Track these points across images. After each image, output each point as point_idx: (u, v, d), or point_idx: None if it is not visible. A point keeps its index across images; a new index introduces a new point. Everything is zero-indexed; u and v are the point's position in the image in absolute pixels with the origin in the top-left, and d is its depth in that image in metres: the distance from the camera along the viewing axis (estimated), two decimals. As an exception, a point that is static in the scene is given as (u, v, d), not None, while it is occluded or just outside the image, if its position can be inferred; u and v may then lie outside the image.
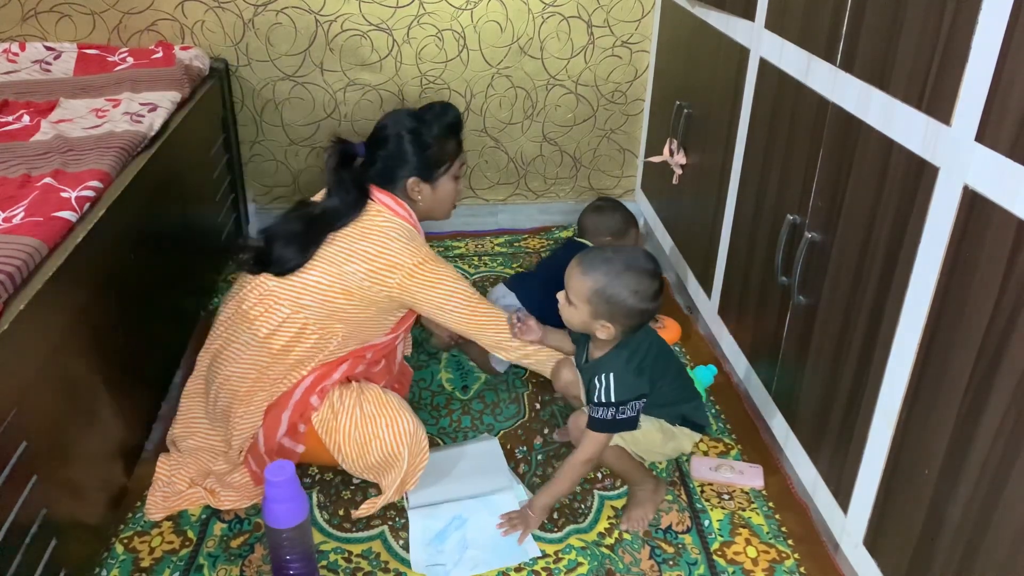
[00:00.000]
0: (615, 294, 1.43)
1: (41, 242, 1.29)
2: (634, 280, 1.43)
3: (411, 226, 1.60)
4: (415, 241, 1.57)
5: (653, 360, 1.51)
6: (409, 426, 1.54)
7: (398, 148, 1.59)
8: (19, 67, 2.16)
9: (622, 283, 1.43)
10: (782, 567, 1.47)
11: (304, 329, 1.53)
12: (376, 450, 1.54)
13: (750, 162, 1.78)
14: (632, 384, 1.46)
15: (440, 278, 1.57)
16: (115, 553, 1.47)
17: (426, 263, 1.56)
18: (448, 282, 1.58)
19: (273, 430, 1.56)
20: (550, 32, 2.49)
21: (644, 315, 1.47)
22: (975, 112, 1.02)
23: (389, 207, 1.59)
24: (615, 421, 1.46)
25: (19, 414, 1.16)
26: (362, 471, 1.58)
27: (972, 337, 1.04)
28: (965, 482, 1.08)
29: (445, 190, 1.66)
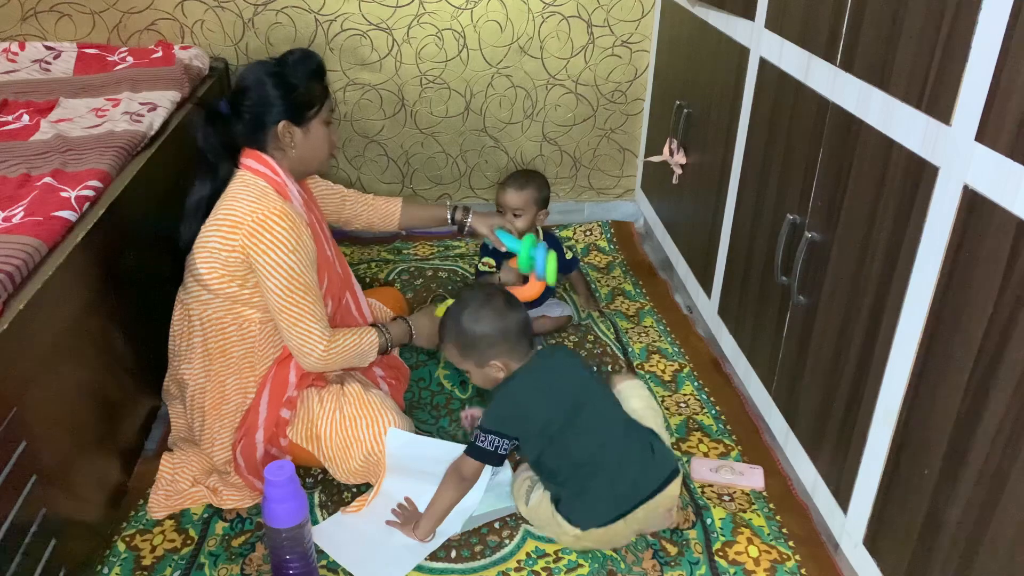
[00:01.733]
0: (462, 333, 1.45)
1: (41, 242, 1.29)
2: (465, 314, 1.45)
3: (269, 183, 1.47)
4: (265, 198, 1.44)
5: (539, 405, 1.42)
6: (391, 426, 1.53)
7: (262, 94, 1.47)
8: (19, 67, 2.16)
9: (461, 323, 1.45)
10: (783, 568, 1.47)
11: (220, 322, 1.51)
12: (358, 453, 1.52)
13: (750, 162, 1.78)
14: (495, 416, 1.43)
15: (276, 241, 1.42)
16: (116, 551, 1.47)
17: (268, 220, 1.41)
18: (282, 250, 1.42)
19: (252, 454, 1.55)
20: (550, 32, 2.49)
21: (485, 339, 1.44)
22: (975, 112, 1.02)
23: (251, 168, 1.49)
24: (472, 443, 1.43)
25: (19, 413, 1.16)
26: (347, 476, 1.57)
27: (972, 337, 1.05)
28: (965, 482, 1.08)
29: (317, 134, 1.53)
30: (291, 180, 1.52)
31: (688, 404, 1.90)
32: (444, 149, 2.64)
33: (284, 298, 1.45)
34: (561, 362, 1.50)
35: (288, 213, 1.43)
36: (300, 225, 1.45)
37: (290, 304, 1.45)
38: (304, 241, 1.45)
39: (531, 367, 1.46)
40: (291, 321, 1.47)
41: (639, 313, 2.27)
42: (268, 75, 1.48)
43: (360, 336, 1.56)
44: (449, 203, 1.92)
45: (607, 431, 1.43)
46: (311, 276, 1.47)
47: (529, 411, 1.41)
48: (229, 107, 1.50)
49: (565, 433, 1.40)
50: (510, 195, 2.06)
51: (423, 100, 2.55)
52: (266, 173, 1.48)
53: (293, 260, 1.43)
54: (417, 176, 2.68)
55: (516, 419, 1.41)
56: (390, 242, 2.64)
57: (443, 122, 2.59)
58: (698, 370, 2.02)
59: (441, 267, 2.50)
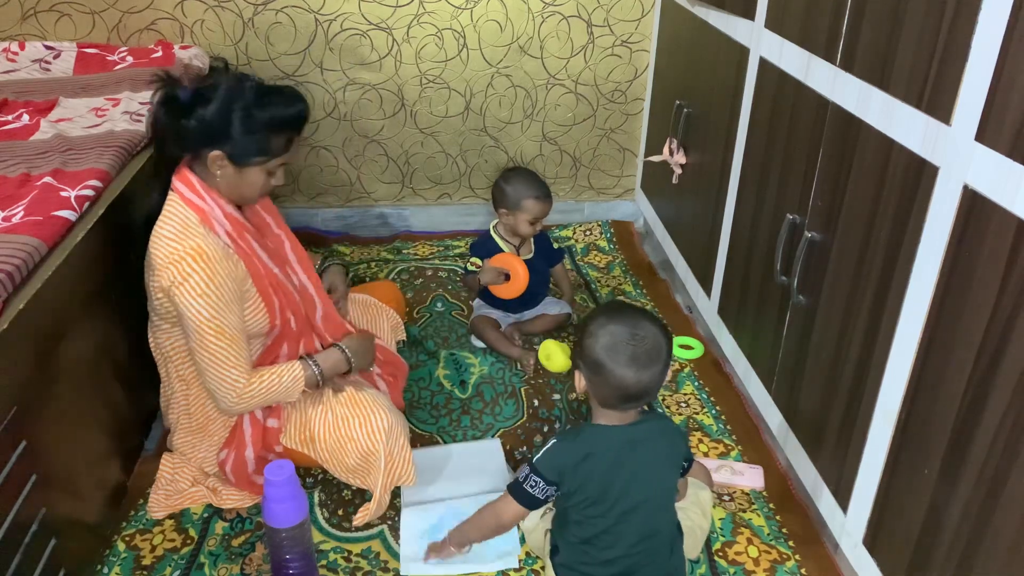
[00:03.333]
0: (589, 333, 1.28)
1: (41, 241, 1.29)
2: (608, 326, 1.26)
3: (194, 211, 1.40)
4: (183, 234, 1.38)
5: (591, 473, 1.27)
6: (383, 422, 1.49)
7: (222, 117, 1.37)
8: (19, 66, 2.15)
9: (598, 324, 1.28)
10: (783, 568, 1.47)
11: (184, 350, 1.50)
12: (352, 452, 1.50)
13: (750, 161, 1.78)
14: (551, 464, 1.28)
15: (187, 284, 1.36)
16: (116, 551, 1.47)
17: (182, 262, 1.36)
18: (191, 293, 1.36)
19: (243, 469, 1.55)
20: (550, 31, 2.49)
21: (604, 374, 1.24)
22: (975, 112, 1.02)
23: (180, 192, 1.41)
24: (515, 482, 1.31)
25: (19, 413, 1.16)
26: (345, 475, 1.55)
27: (972, 337, 1.04)
28: (965, 482, 1.08)
29: (252, 180, 1.44)
30: (223, 201, 1.44)
31: (688, 404, 1.90)
32: (444, 149, 2.64)
33: (196, 340, 1.40)
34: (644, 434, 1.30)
35: (203, 251, 1.36)
36: (216, 262, 1.37)
37: (200, 348, 1.40)
38: (218, 283, 1.37)
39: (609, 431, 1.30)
40: (204, 364, 1.42)
41: (639, 313, 2.27)
42: (238, 102, 1.38)
43: (280, 374, 1.48)
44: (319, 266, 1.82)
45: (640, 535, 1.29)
46: (226, 319, 1.39)
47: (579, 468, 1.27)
48: (190, 99, 1.39)
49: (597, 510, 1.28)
50: (543, 206, 2.07)
51: (423, 100, 2.54)
52: (191, 200, 1.41)
53: (202, 304, 1.37)
54: (417, 176, 2.68)
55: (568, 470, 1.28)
56: (390, 242, 2.64)
57: (443, 122, 2.59)
58: (698, 370, 2.02)
59: (441, 267, 2.50)
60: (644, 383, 1.24)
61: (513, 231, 2.12)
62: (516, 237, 2.14)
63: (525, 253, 2.15)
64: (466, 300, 2.30)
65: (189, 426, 1.58)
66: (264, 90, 1.42)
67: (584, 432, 1.30)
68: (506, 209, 2.09)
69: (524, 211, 2.06)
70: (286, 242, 1.61)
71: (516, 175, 2.11)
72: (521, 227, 2.08)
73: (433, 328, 2.17)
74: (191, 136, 1.40)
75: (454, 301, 2.30)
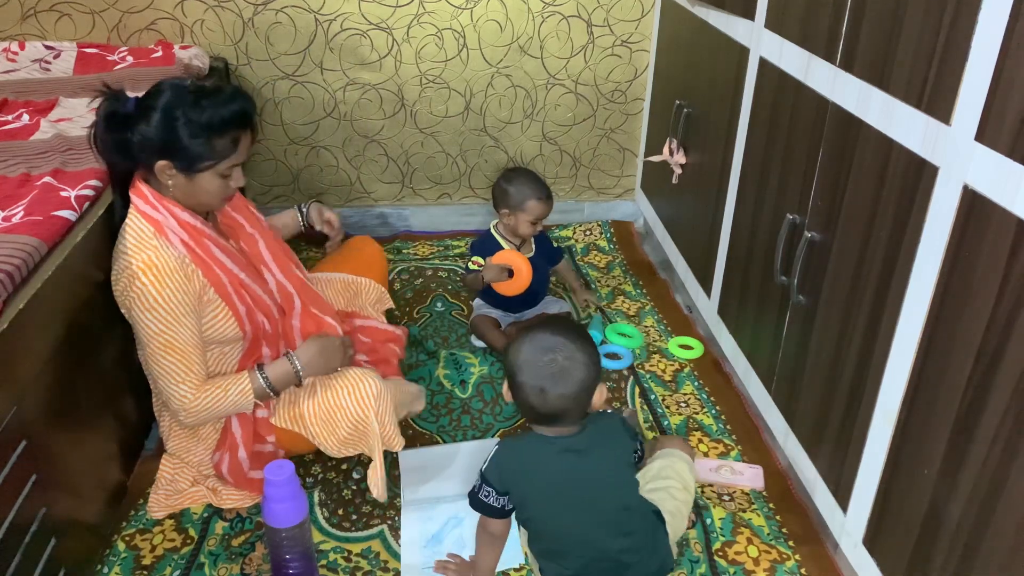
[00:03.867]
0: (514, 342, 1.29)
1: (40, 241, 1.29)
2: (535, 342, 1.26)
3: (149, 223, 1.39)
4: (136, 247, 1.37)
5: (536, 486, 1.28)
6: (372, 388, 1.49)
7: (159, 124, 1.34)
8: (19, 66, 2.16)
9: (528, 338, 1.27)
10: (783, 567, 1.47)
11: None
12: (343, 422, 1.50)
13: (750, 161, 1.78)
14: (496, 472, 1.29)
15: (137, 298, 1.36)
16: (116, 550, 1.47)
17: (134, 276, 1.35)
18: (139, 306, 1.36)
19: (239, 469, 1.55)
20: (550, 31, 2.49)
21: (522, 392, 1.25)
22: (975, 112, 1.02)
23: (135, 204, 1.40)
24: (474, 495, 1.32)
25: (19, 413, 1.16)
26: (338, 449, 1.53)
27: (971, 337, 1.05)
28: (964, 482, 1.08)
29: (205, 185, 1.40)
30: (178, 209, 1.41)
31: (688, 404, 1.90)
32: (444, 149, 2.64)
33: (147, 354, 1.42)
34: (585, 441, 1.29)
35: (152, 264, 1.36)
36: (167, 275, 1.37)
37: (152, 361, 1.42)
38: (167, 295, 1.36)
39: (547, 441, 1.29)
40: (155, 377, 1.44)
41: (639, 313, 2.27)
42: (177, 106, 1.34)
43: (227, 388, 1.46)
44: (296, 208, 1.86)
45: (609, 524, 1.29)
46: (177, 333, 1.39)
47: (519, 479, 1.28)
48: (133, 111, 1.36)
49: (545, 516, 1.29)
50: (545, 207, 2.07)
51: (423, 100, 2.54)
52: (146, 211, 1.39)
53: (150, 318, 1.37)
54: (417, 176, 2.68)
55: (511, 479, 1.29)
56: (390, 242, 2.64)
57: (443, 122, 2.59)
58: (698, 370, 2.02)
59: (441, 267, 2.50)
60: (551, 404, 1.23)
61: (514, 231, 2.12)
62: (517, 237, 2.14)
63: (526, 252, 2.15)
64: (466, 300, 2.30)
65: (181, 432, 1.58)
66: (202, 93, 1.36)
67: (524, 439, 1.32)
68: (508, 210, 2.09)
69: (526, 212, 2.06)
70: (260, 241, 1.59)
71: (518, 176, 2.11)
72: (522, 227, 2.08)
73: (433, 328, 2.17)
74: (136, 149, 1.38)
75: (454, 301, 2.30)
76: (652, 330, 2.19)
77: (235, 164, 1.42)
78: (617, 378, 1.97)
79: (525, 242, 2.16)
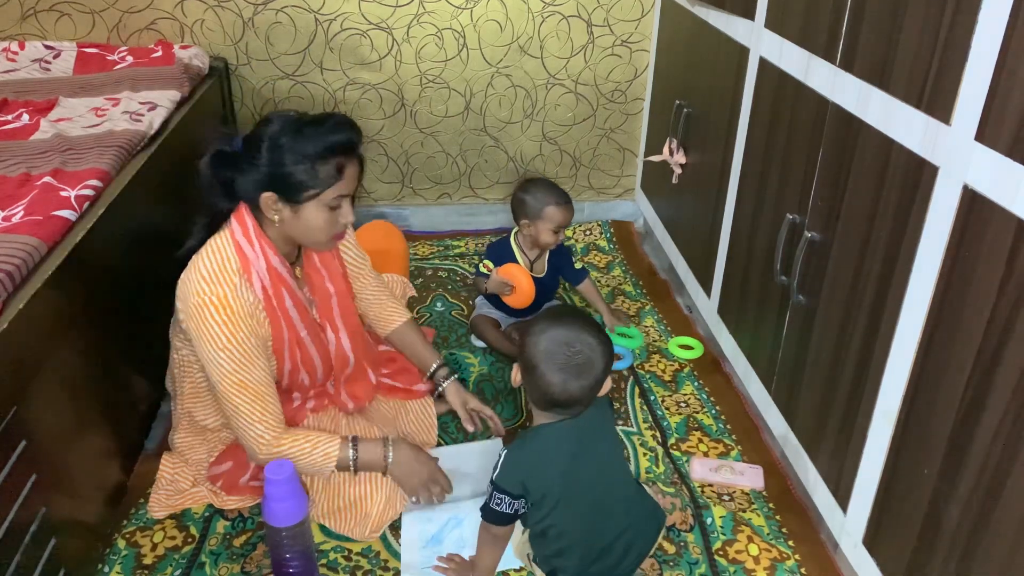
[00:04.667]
0: (532, 334, 1.28)
1: (40, 241, 1.29)
2: (548, 336, 1.26)
3: (238, 254, 1.37)
4: (218, 277, 1.35)
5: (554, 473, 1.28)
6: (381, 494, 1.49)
7: (265, 156, 1.33)
8: (18, 66, 2.16)
9: (540, 333, 1.27)
10: (783, 566, 1.47)
11: (192, 366, 1.52)
12: (347, 491, 1.49)
13: (750, 161, 1.78)
14: (510, 477, 1.28)
15: (208, 334, 1.34)
16: (117, 549, 1.47)
17: (206, 308, 1.33)
18: (212, 344, 1.34)
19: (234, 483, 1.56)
20: (550, 31, 2.49)
21: (545, 384, 1.25)
22: (975, 111, 1.02)
23: (232, 231, 1.39)
24: (486, 506, 1.31)
25: (19, 413, 1.16)
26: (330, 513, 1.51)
27: (971, 336, 1.05)
28: (964, 481, 1.08)
29: (312, 218, 1.37)
30: (271, 252, 1.40)
31: (688, 404, 1.90)
32: (444, 148, 2.64)
33: (220, 390, 1.39)
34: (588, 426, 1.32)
35: (228, 304, 1.34)
36: (241, 317, 1.35)
37: (224, 399, 1.39)
38: (240, 338, 1.35)
39: (556, 428, 1.31)
40: (229, 414, 1.41)
41: (639, 313, 2.27)
42: (282, 135, 1.33)
43: (315, 444, 1.43)
44: (437, 365, 1.73)
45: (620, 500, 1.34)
46: (249, 373, 1.37)
47: (537, 475, 1.29)
48: (242, 147, 1.37)
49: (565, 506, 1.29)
50: (565, 212, 2.04)
51: (423, 100, 2.55)
52: (240, 243, 1.38)
53: (223, 357, 1.35)
54: (417, 176, 2.68)
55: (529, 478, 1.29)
56: (390, 242, 2.64)
57: (443, 122, 2.59)
58: (698, 370, 2.02)
59: (441, 267, 2.50)
60: (571, 392, 1.25)
61: (535, 242, 2.08)
62: (535, 250, 2.11)
63: (539, 270, 2.12)
64: (466, 300, 2.30)
65: (191, 428, 1.59)
66: (307, 120, 1.35)
67: (531, 436, 1.32)
68: (527, 219, 2.06)
69: (546, 219, 2.03)
70: (334, 297, 1.55)
71: (534, 184, 2.09)
72: (543, 236, 2.04)
73: (433, 328, 2.17)
74: (242, 185, 1.37)
75: (454, 301, 2.30)
76: (652, 330, 2.19)
77: (341, 194, 1.38)
78: (617, 378, 1.97)
79: (539, 259, 2.12)
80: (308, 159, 1.32)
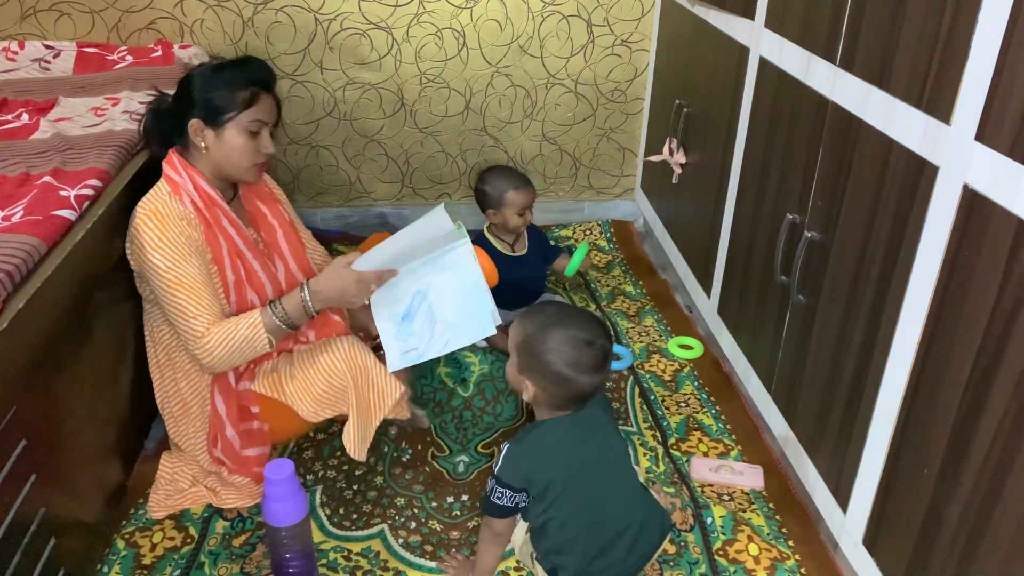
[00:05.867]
0: (537, 347, 1.29)
1: (40, 240, 1.29)
2: (563, 339, 1.28)
3: (167, 182, 1.48)
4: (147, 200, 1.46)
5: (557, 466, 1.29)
6: (346, 347, 1.52)
7: (188, 88, 1.49)
8: (18, 65, 2.15)
9: (549, 337, 1.28)
10: (783, 566, 1.47)
11: (160, 331, 1.56)
12: (318, 378, 1.51)
13: (750, 161, 1.78)
14: (513, 471, 1.29)
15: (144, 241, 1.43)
16: (116, 549, 1.47)
17: (139, 222, 1.44)
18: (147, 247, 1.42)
19: (231, 449, 1.56)
20: (550, 31, 2.49)
21: (567, 385, 1.28)
22: (975, 111, 1.02)
23: (164, 170, 1.50)
24: (487, 499, 1.32)
25: (18, 412, 1.16)
26: (316, 409, 1.52)
27: (971, 336, 1.05)
28: (964, 481, 1.08)
29: (232, 141, 1.48)
30: (199, 178, 1.49)
31: (688, 404, 1.90)
32: (444, 148, 2.64)
33: (160, 296, 1.45)
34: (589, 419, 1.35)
35: (157, 211, 1.44)
36: (170, 220, 1.44)
37: (165, 303, 1.45)
38: (171, 236, 1.43)
39: (559, 422, 1.33)
40: (171, 319, 1.46)
41: (639, 313, 2.27)
42: (202, 72, 1.49)
43: (238, 321, 1.46)
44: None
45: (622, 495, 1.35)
46: (183, 270, 1.43)
47: (541, 467, 1.30)
48: (172, 98, 1.53)
49: (568, 498, 1.30)
50: (525, 194, 2.09)
51: (423, 99, 2.54)
52: (169, 174, 1.49)
53: (157, 257, 1.43)
54: (417, 175, 2.68)
55: (530, 471, 1.30)
56: (390, 241, 2.64)
57: (443, 121, 2.59)
58: (698, 370, 2.02)
59: (441, 266, 2.49)
60: (598, 383, 1.31)
61: (505, 228, 2.12)
62: (510, 235, 2.14)
63: (520, 249, 2.16)
64: (466, 299, 2.30)
65: (172, 412, 1.59)
66: (227, 62, 1.52)
67: (535, 430, 1.33)
68: (492, 209, 2.11)
69: (509, 205, 2.08)
70: (279, 232, 1.65)
71: (491, 174, 2.13)
72: (511, 221, 2.09)
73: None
74: (173, 119, 1.50)
75: (454, 300, 2.30)
76: (652, 330, 2.19)
77: (258, 120, 1.49)
78: (617, 378, 1.97)
79: (519, 239, 2.17)
80: (227, 86, 1.47)
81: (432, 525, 1.56)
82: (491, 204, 2.11)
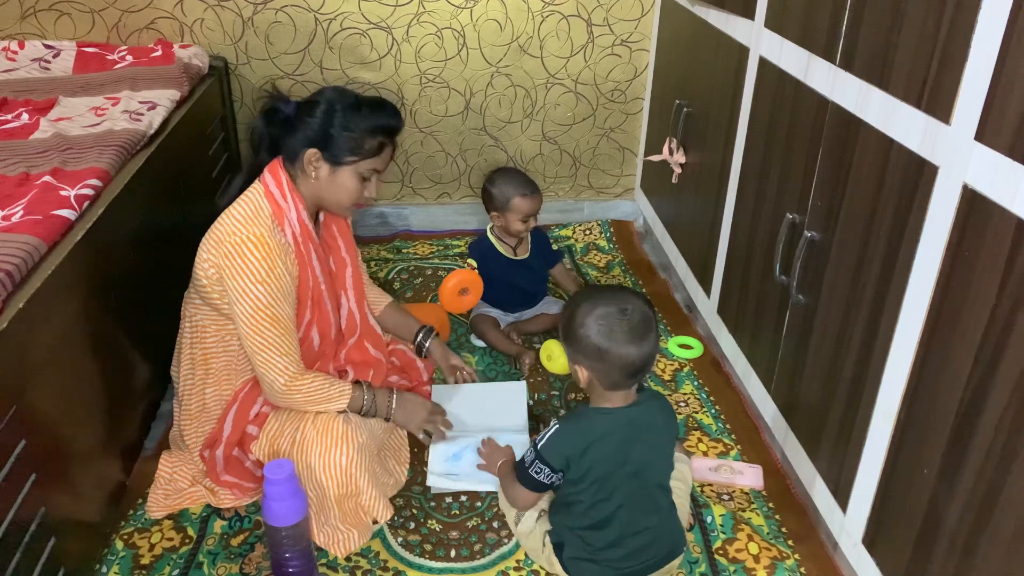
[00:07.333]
0: (576, 328, 1.30)
1: (40, 240, 1.29)
2: (595, 313, 1.28)
3: (270, 204, 1.45)
4: (253, 220, 1.42)
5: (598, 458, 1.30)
6: (343, 459, 1.43)
7: (318, 116, 1.45)
8: (18, 65, 2.15)
9: (583, 314, 1.29)
10: (783, 565, 1.47)
11: (205, 330, 1.52)
12: (308, 483, 1.45)
13: (749, 161, 1.78)
14: (556, 450, 1.32)
15: (247, 269, 1.39)
16: (115, 549, 1.47)
17: (244, 245, 1.39)
18: (250, 278, 1.39)
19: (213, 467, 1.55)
20: (550, 31, 2.49)
21: (607, 358, 1.27)
22: (974, 111, 1.02)
23: (265, 182, 1.47)
24: (523, 468, 1.37)
25: (18, 412, 1.16)
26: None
27: (971, 336, 1.05)
28: (964, 481, 1.08)
29: (344, 181, 1.48)
30: (301, 206, 1.48)
31: (687, 403, 1.90)
32: (444, 148, 2.64)
33: (249, 325, 1.42)
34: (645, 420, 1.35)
35: (266, 242, 1.40)
36: (276, 255, 1.41)
37: (254, 332, 1.42)
38: (277, 273, 1.41)
39: (614, 415, 1.33)
40: (255, 348, 1.44)
41: (638, 312, 2.27)
42: (339, 104, 1.46)
43: (332, 383, 1.50)
44: (420, 329, 1.82)
45: (647, 513, 1.35)
46: (281, 309, 1.43)
47: (586, 454, 1.31)
48: (294, 111, 1.48)
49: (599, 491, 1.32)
50: (531, 202, 2.07)
51: (423, 99, 2.54)
52: (273, 194, 1.46)
53: (260, 291, 1.40)
54: (416, 175, 2.68)
55: (574, 457, 1.31)
56: (389, 241, 2.64)
57: (443, 121, 2.59)
58: (697, 369, 2.02)
59: (441, 266, 2.50)
60: (646, 353, 1.29)
61: (507, 231, 2.12)
62: (512, 237, 2.14)
63: (522, 253, 2.16)
64: (466, 299, 2.30)
65: (190, 409, 1.56)
66: (364, 100, 1.50)
67: (587, 416, 1.35)
68: (496, 211, 2.10)
69: (514, 210, 2.07)
70: (349, 268, 1.66)
71: (501, 176, 2.12)
72: (513, 226, 2.09)
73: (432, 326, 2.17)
74: (293, 137, 1.46)
75: (454, 300, 2.30)
76: (652, 329, 2.19)
77: (375, 169, 1.50)
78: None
79: (522, 242, 2.16)
80: (359, 130, 1.46)
81: (431, 525, 1.56)
82: (496, 207, 2.10)
